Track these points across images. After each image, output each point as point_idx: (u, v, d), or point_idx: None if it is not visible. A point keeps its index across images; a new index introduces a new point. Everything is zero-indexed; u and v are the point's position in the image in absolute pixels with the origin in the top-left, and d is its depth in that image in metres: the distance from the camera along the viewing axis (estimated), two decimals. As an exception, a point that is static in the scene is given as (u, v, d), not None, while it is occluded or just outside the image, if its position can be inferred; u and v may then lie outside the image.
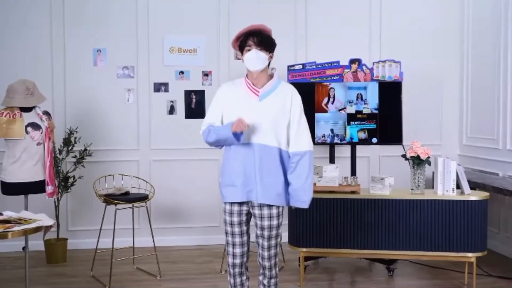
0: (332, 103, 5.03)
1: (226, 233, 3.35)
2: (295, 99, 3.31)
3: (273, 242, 3.32)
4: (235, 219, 3.30)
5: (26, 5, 5.65)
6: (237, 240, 3.32)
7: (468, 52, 6.01)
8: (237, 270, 3.36)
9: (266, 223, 3.27)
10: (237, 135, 3.18)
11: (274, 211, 3.28)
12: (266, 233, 3.29)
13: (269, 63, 3.30)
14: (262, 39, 3.23)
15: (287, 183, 3.31)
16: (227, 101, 3.30)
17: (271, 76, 3.34)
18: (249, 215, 3.33)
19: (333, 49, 5.81)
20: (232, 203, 3.29)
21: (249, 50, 3.23)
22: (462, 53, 6.11)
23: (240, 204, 3.29)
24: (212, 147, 3.46)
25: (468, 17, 6.01)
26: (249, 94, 3.28)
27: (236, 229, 3.31)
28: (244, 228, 3.34)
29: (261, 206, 3.26)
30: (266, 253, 3.33)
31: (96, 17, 5.75)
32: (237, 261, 3.35)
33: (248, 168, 3.23)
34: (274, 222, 3.29)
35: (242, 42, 3.27)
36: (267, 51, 3.24)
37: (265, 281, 3.39)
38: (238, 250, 3.34)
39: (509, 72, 5.28)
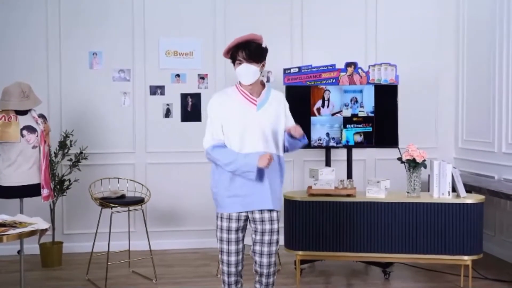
0: (327, 106, 5.04)
1: (221, 240, 3.29)
2: (286, 106, 3.40)
3: (274, 248, 3.29)
4: (233, 224, 3.26)
5: (22, 8, 5.64)
6: (233, 248, 3.28)
7: (463, 55, 6.03)
8: (232, 279, 3.32)
9: (267, 227, 3.25)
10: (260, 171, 3.15)
11: (274, 214, 3.27)
12: (266, 237, 3.26)
13: (261, 72, 3.30)
14: (251, 53, 3.20)
15: (281, 186, 3.37)
16: (222, 112, 3.27)
17: (263, 84, 3.34)
18: (247, 221, 3.31)
19: (330, 51, 5.81)
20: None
21: (239, 63, 3.22)
22: (458, 56, 6.12)
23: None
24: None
25: (463, 20, 6.02)
26: (246, 104, 3.26)
27: (233, 236, 3.27)
28: (241, 235, 3.31)
29: (261, 210, 3.25)
30: (265, 260, 3.28)
31: (92, 20, 5.74)
32: (232, 269, 3.30)
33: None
34: (275, 226, 3.27)
35: (233, 54, 3.25)
36: (258, 63, 3.23)
37: None
38: (233, 258, 3.29)
39: (504, 74, 5.30)
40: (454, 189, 4.45)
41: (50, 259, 5.24)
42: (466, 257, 4.38)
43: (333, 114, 5.05)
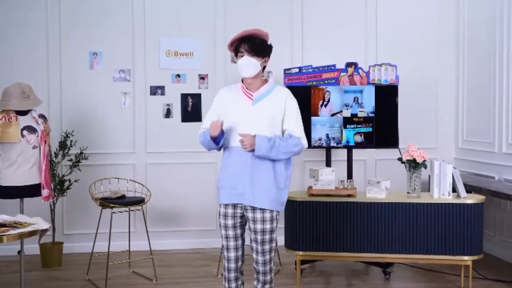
0: (325, 106, 5.04)
1: (222, 236, 3.35)
2: (290, 103, 3.31)
3: (267, 247, 3.29)
4: (229, 221, 3.30)
5: (22, 8, 5.64)
6: (231, 243, 3.32)
7: (463, 55, 6.03)
8: (232, 275, 3.36)
9: (259, 226, 3.26)
10: (216, 140, 3.25)
11: (267, 214, 3.26)
12: (259, 237, 3.27)
13: (264, 68, 3.31)
14: (253, 46, 3.22)
15: (281, 187, 3.29)
16: (223, 106, 3.33)
17: (266, 81, 3.35)
18: (243, 218, 3.33)
19: (330, 52, 5.80)
20: (226, 206, 3.30)
21: (241, 56, 3.24)
22: (458, 56, 6.12)
23: (234, 206, 3.29)
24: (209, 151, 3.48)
25: (463, 20, 6.02)
26: (243, 98, 3.29)
27: (230, 232, 3.31)
28: (239, 231, 3.33)
29: (254, 209, 3.25)
30: (260, 258, 3.31)
31: (92, 20, 5.74)
32: (232, 265, 3.34)
33: (239, 171, 3.24)
34: (267, 226, 3.27)
35: (236, 47, 3.29)
36: (259, 57, 3.24)
37: (259, 286, 3.38)
38: (232, 254, 3.33)
39: (505, 74, 5.30)
40: (454, 190, 4.45)
41: (50, 260, 5.24)
42: (466, 257, 4.38)
43: (333, 115, 5.05)
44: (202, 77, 5.90)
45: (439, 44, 6.18)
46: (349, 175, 5.12)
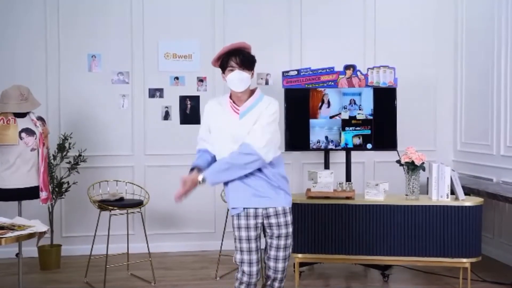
0: (328, 107, 5.04)
1: (241, 251, 3.16)
2: (268, 109, 3.17)
3: (288, 252, 3.22)
4: (252, 233, 3.17)
5: (20, 11, 5.64)
6: (254, 257, 3.16)
7: (462, 58, 6.04)
8: (253, 280, 3.17)
9: (283, 231, 3.19)
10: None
11: (289, 218, 3.21)
12: (282, 242, 3.19)
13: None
14: (244, 59, 3.16)
15: (287, 190, 3.25)
16: (212, 118, 3.26)
17: (253, 92, 3.26)
18: (261, 228, 3.22)
19: (328, 54, 5.81)
20: (247, 217, 3.15)
21: (231, 70, 3.17)
22: (456, 59, 6.13)
23: (255, 217, 3.16)
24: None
25: (462, 23, 6.04)
26: (230, 113, 3.21)
27: (253, 245, 3.16)
28: (259, 243, 3.21)
29: (277, 214, 3.18)
30: (280, 265, 3.21)
31: (90, 22, 5.74)
32: (253, 280, 3.17)
33: (255, 182, 3.16)
34: (290, 230, 3.22)
35: (224, 62, 3.20)
36: (249, 70, 3.19)
37: None
38: (255, 269, 3.17)
39: (503, 77, 5.31)
40: (452, 192, 4.45)
41: (48, 262, 5.23)
42: (465, 260, 4.38)
43: (331, 117, 5.06)
44: (201, 80, 5.91)
45: (437, 47, 6.18)
46: (348, 178, 5.13)
